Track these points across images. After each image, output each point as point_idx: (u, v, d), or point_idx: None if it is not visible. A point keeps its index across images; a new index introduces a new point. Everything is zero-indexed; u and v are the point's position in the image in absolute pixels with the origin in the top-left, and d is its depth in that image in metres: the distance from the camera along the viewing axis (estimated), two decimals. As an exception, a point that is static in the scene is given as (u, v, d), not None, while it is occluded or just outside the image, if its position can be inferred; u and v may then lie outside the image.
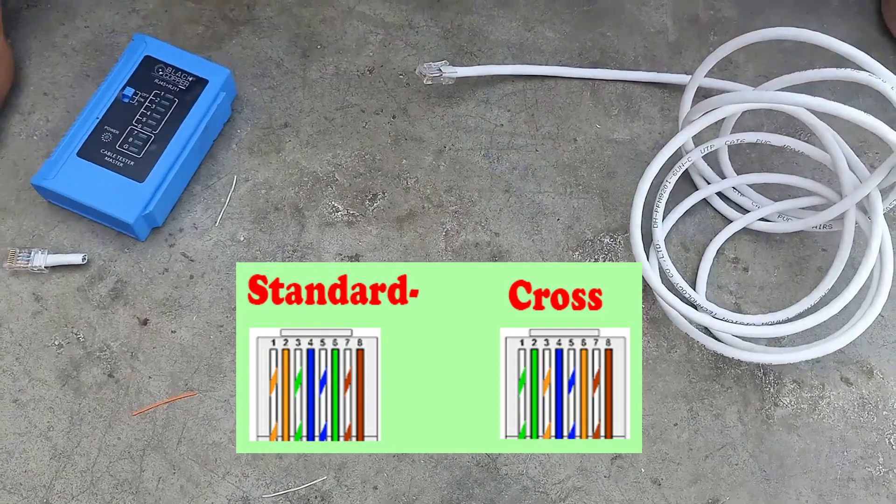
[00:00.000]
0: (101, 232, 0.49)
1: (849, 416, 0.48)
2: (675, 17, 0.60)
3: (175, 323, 0.47)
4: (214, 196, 0.51)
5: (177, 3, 0.57)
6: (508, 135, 0.55)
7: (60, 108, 0.52)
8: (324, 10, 0.58)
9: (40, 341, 0.46)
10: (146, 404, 0.45)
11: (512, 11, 0.59)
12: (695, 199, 0.52)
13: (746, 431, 0.47)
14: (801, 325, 0.45)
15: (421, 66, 0.53)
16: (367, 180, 0.52)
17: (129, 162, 0.47)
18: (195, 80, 0.50)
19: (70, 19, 0.56)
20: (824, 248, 0.52)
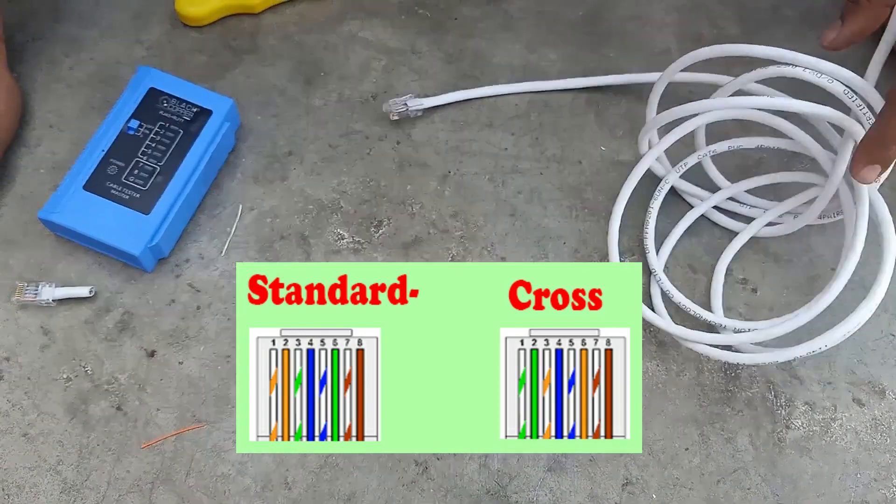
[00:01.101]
0: (108, 264, 0.49)
1: (861, 438, 0.47)
2: (678, 37, 0.60)
3: (182, 354, 0.47)
4: (220, 226, 0.51)
5: (180, 33, 0.57)
6: (513, 158, 0.54)
7: (66, 141, 0.53)
8: (326, 36, 0.58)
9: (49, 375, 0.46)
10: (154, 437, 0.45)
11: (514, 34, 0.59)
12: (690, 218, 0.52)
13: (758, 455, 0.46)
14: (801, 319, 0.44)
15: (385, 104, 0.53)
16: (373, 207, 0.52)
17: (134, 194, 0.48)
18: (199, 110, 0.50)
19: (75, 52, 0.56)
20: (833, 266, 0.52)
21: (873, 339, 0.50)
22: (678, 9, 0.61)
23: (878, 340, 0.50)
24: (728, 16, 0.61)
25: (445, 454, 0.45)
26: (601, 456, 0.46)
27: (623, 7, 0.61)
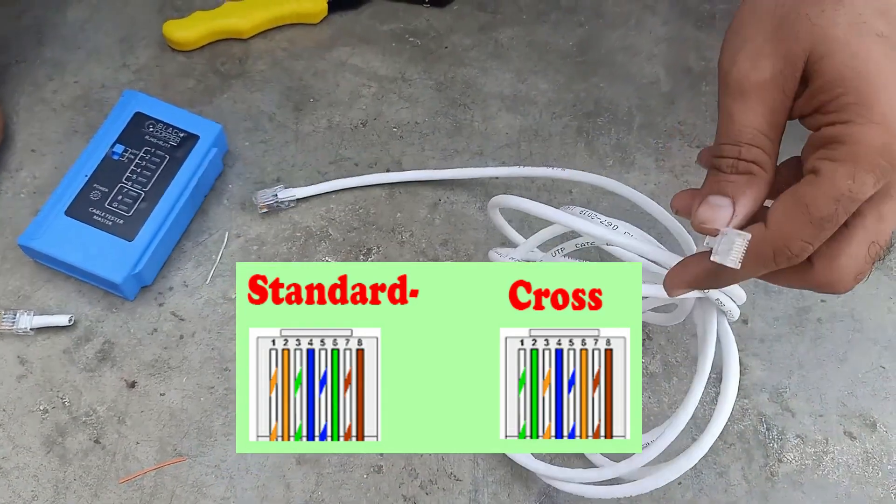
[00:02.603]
0: (89, 291, 0.48)
1: (853, 472, 0.47)
2: (667, 68, 0.60)
3: (164, 385, 0.46)
4: (205, 253, 0.50)
5: (168, 57, 0.57)
6: (503, 187, 0.54)
7: (49, 166, 0.52)
8: (316, 63, 0.58)
9: (25, 406, 0.45)
10: (133, 471, 0.44)
11: (505, 63, 0.59)
12: None
13: (751, 489, 0.46)
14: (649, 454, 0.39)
15: (255, 195, 0.51)
16: (361, 234, 0.52)
17: (118, 220, 0.47)
18: (186, 135, 0.50)
19: (59, 74, 0.55)
20: (823, 298, 0.52)
21: (863, 370, 0.50)
22: (667, 40, 0.61)
23: (869, 373, 0.50)
24: (715, 47, 0.61)
25: (434, 489, 0.44)
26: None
27: (612, 38, 0.61)
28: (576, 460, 0.46)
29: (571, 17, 0.62)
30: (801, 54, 0.29)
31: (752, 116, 0.31)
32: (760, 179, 0.31)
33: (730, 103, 0.31)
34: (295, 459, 0.45)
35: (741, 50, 0.31)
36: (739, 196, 0.31)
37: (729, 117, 0.31)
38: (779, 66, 0.30)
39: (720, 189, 0.31)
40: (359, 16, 0.60)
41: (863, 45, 0.28)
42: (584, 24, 0.62)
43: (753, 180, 0.31)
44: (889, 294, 0.53)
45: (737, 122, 0.31)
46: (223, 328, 0.48)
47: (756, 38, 0.30)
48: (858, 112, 0.28)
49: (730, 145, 0.31)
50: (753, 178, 0.31)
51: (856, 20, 0.29)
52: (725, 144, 0.31)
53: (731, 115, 0.31)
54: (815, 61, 0.29)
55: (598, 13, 0.63)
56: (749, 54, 0.30)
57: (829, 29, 0.29)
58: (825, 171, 0.28)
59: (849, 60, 0.28)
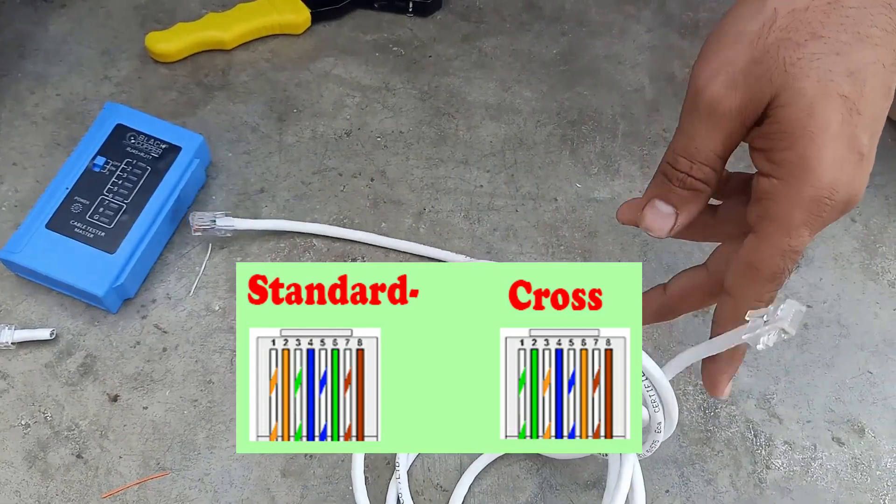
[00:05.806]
0: (71, 305, 0.48)
1: (842, 478, 0.47)
2: (651, 76, 0.60)
3: (147, 399, 0.45)
4: (188, 265, 0.50)
5: (150, 69, 0.57)
6: (488, 196, 0.54)
7: (30, 179, 0.51)
8: (299, 73, 0.58)
9: (6, 421, 0.44)
10: (116, 486, 0.43)
11: (489, 72, 0.59)
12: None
13: (739, 497, 0.46)
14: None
15: (191, 215, 0.49)
16: (346, 244, 0.51)
17: (99, 233, 0.46)
18: (168, 147, 0.49)
19: (41, 87, 0.55)
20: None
21: (851, 376, 0.50)
22: (651, 48, 0.62)
23: (856, 378, 0.50)
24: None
25: (421, 501, 0.44)
26: (582, 499, 0.45)
27: (596, 46, 0.62)
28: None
29: (555, 26, 0.62)
30: (767, 96, 0.30)
31: (712, 140, 0.32)
32: (704, 196, 0.34)
33: (696, 120, 0.32)
34: (280, 472, 0.44)
35: (719, 74, 0.31)
36: (682, 209, 0.34)
37: (691, 133, 0.32)
38: (746, 100, 0.31)
39: (667, 197, 0.34)
40: (342, 26, 0.60)
41: (823, 106, 0.29)
42: (567, 33, 0.62)
43: (698, 196, 0.34)
44: (875, 299, 0.53)
45: (696, 140, 0.32)
46: (206, 340, 0.47)
47: (735, 63, 0.31)
48: (793, 173, 0.30)
49: (685, 159, 0.33)
50: (699, 194, 0.34)
51: (824, 77, 0.29)
52: (681, 157, 0.33)
53: (694, 133, 0.32)
54: (777, 106, 0.30)
55: (582, 22, 0.63)
56: (725, 81, 0.31)
57: (799, 81, 0.29)
58: (764, 232, 0.31)
59: (805, 118, 0.29)
